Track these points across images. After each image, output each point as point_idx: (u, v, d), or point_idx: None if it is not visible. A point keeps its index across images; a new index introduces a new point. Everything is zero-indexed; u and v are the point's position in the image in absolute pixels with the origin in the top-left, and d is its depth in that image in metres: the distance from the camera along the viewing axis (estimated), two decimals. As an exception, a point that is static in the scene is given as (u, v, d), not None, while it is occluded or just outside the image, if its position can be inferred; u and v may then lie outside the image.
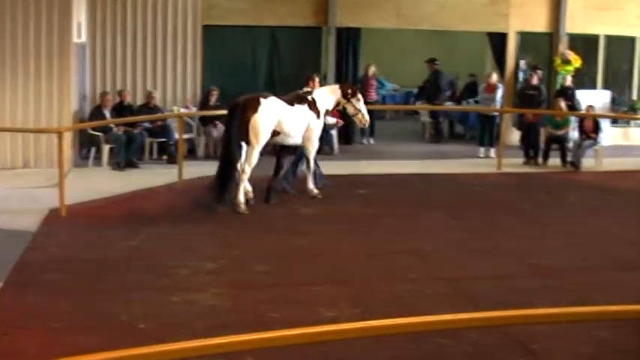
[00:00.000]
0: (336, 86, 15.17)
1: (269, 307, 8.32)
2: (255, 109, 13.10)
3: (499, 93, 19.69)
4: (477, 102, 21.51)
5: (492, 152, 19.35)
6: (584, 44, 22.53)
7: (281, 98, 13.89)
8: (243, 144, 13.29)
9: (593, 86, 22.49)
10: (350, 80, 20.30)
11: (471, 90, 23.68)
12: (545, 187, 15.88)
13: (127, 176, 16.01)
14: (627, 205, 14.70)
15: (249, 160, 13.16)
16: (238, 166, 13.24)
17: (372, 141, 20.96)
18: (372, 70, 20.93)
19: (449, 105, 23.61)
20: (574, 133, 19.33)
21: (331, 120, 16.02)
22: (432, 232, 12.01)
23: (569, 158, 18.37)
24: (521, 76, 21.61)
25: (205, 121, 18.48)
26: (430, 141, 22.01)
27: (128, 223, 12.08)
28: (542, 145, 18.89)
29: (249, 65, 20.34)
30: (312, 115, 14.05)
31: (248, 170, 13.15)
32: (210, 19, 19.62)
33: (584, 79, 22.37)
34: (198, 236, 11.36)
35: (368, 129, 20.29)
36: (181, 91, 19.63)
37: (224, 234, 11.55)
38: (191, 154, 18.18)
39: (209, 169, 14.24)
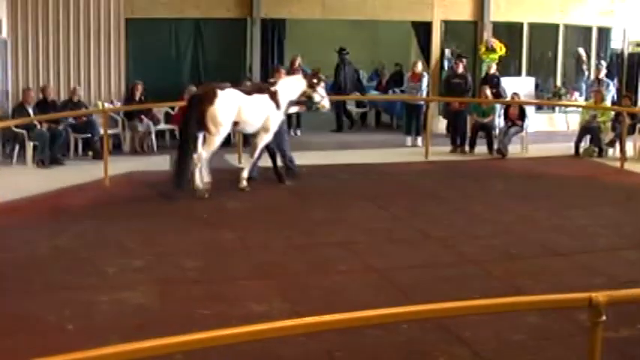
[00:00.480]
0: (300, 76, 15.42)
1: (198, 303, 8.23)
2: (211, 101, 13.51)
3: (424, 82, 19.82)
4: (402, 91, 21.58)
5: (419, 141, 19.48)
6: (509, 32, 22.80)
7: (239, 89, 14.39)
8: (200, 134, 13.65)
9: (518, 73, 22.78)
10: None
11: (396, 79, 23.77)
12: (472, 175, 15.98)
13: (51, 174, 15.79)
14: (553, 190, 14.91)
15: (208, 147, 13.63)
16: (195, 155, 13.51)
17: (298, 132, 20.94)
18: (298, 61, 20.89)
19: (375, 94, 23.73)
20: (500, 121, 19.55)
21: (294, 109, 16.39)
22: (360, 223, 11.99)
23: (495, 145, 18.55)
24: (446, 64, 21.75)
25: (130, 116, 18.31)
26: (331, 130, 22.12)
27: (53, 221, 11.87)
28: (468, 133, 19.05)
29: (173, 59, 20.18)
30: (272, 105, 14.30)
31: (206, 156, 13.61)
32: (133, 13, 19.42)
33: (509, 66, 22.63)
34: (125, 233, 11.18)
35: (295, 120, 20.37)
36: (106, 86, 19.42)
37: (151, 230, 11.40)
38: (117, 149, 18.02)
39: (135, 164, 14.12)
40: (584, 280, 8.84)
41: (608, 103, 20.45)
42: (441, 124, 21.18)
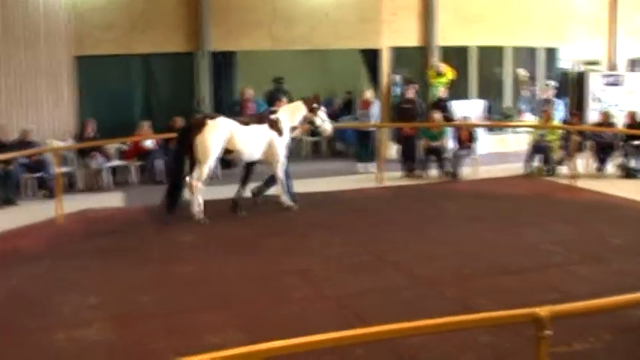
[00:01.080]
0: (300, 103, 15.67)
1: (154, 338, 8.25)
2: (200, 130, 14.12)
3: (375, 108, 19.94)
4: (355, 118, 21.70)
5: (372, 167, 19.58)
6: (456, 56, 23.05)
7: (236, 119, 14.97)
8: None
9: (467, 96, 22.98)
10: (226, 103, 20.36)
11: (347, 107, 23.91)
12: (426, 198, 16.08)
13: (4, 214, 15.70)
14: (505, 210, 15.07)
15: (199, 175, 14.14)
16: (187, 180, 14.21)
17: (254, 164, 20.97)
18: (248, 92, 20.95)
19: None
20: (450, 144, 19.72)
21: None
22: (315, 250, 12.05)
23: (447, 168, 18.71)
24: (396, 90, 21.91)
25: (83, 153, 18.26)
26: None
27: (7, 262, 11.78)
28: (420, 157, 19.19)
29: (125, 94, 20.16)
30: (273, 133, 14.87)
31: (199, 185, 14.18)
32: (82, 50, 19.39)
33: (459, 89, 22.86)
34: (79, 271, 11.16)
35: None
36: (57, 123, 19.34)
37: (106, 267, 11.36)
38: (71, 187, 17.96)
39: (89, 201, 14.09)
40: (538, 296, 8.94)
41: (557, 122, 20.70)
42: (393, 150, 21.32)
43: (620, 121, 20.49)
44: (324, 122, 15.65)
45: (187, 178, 14.23)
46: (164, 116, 19.41)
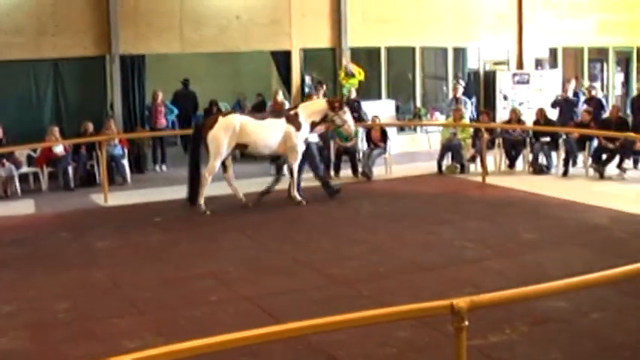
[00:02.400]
0: (323, 100, 16.22)
1: (70, 345, 8.14)
2: (211, 127, 15.02)
3: (286, 110, 19.92)
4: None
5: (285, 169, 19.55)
6: (367, 57, 23.18)
7: (253, 114, 16.32)
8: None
9: (379, 97, 23.11)
10: (138, 107, 20.18)
11: (258, 109, 23.86)
12: (339, 198, 16.12)
13: None
14: (419, 208, 15.24)
15: (208, 169, 15.09)
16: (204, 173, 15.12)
17: (164, 168, 20.81)
18: (159, 96, 20.80)
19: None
20: (362, 144, 19.80)
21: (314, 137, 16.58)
22: (230, 253, 12.03)
23: (360, 169, 18.80)
24: (307, 91, 21.94)
25: (-8, 161, 17.92)
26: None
27: None
28: (332, 157, 19.24)
29: (34, 100, 19.72)
30: (290, 127, 15.36)
31: (208, 177, 15.13)
32: (-11, 55, 19.03)
33: (370, 90, 22.99)
34: (-10, 280, 10.97)
35: (160, 155, 20.28)
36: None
37: (18, 275, 11.13)
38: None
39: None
40: (452, 292, 9.01)
41: (466, 120, 20.95)
42: (306, 151, 21.35)
43: (529, 118, 20.79)
44: (345, 123, 15.79)
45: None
46: (74, 121, 19.14)
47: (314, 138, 16.43)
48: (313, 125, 15.68)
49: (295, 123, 15.38)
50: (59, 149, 18.25)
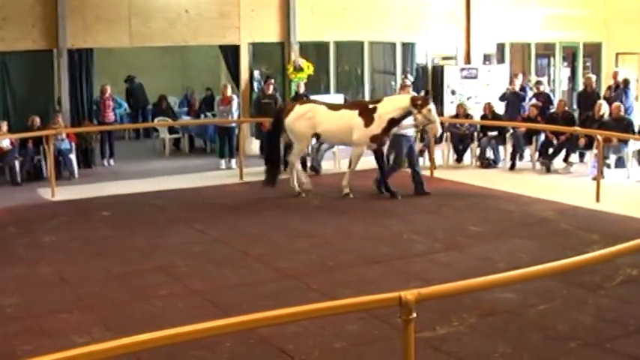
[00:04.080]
0: (406, 96, 15.73)
1: (18, 340, 8.06)
2: (287, 114, 15.71)
3: (235, 104, 19.88)
4: (214, 115, 21.62)
5: (233, 163, 19.57)
6: (316, 51, 23.20)
7: (331, 104, 16.54)
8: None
9: (327, 91, 23.15)
10: (86, 101, 20.01)
11: (208, 103, 23.84)
12: (288, 193, 16.15)
13: None
14: (367, 201, 15.31)
15: (294, 153, 15.90)
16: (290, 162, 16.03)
17: (112, 162, 20.69)
18: (107, 90, 20.67)
19: (186, 119, 23.77)
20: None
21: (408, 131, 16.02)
22: (180, 247, 11.98)
23: (308, 163, 18.82)
24: (256, 86, 21.93)
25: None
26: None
27: None
28: (281, 151, 19.23)
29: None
30: (359, 121, 15.29)
31: (293, 162, 15.96)
32: None
33: (318, 84, 23.03)
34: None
35: (108, 150, 20.17)
36: None
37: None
38: None
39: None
40: (401, 285, 9.03)
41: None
42: (254, 145, 21.36)
43: (477, 113, 20.96)
44: (429, 122, 15.12)
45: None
46: (22, 115, 18.93)
47: (409, 132, 15.99)
48: (392, 122, 15.21)
49: (367, 117, 15.22)
50: (6, 143, 18.05)
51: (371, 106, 15.49)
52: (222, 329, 5.33)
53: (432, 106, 15.06)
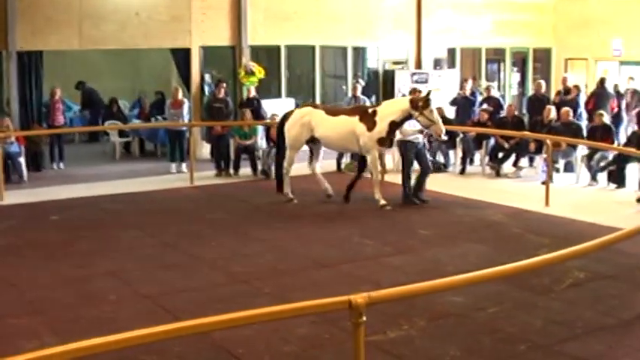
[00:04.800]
0: (405, 98, 15.41)
1: (-35, 345, 7.99)
2: (287, 118, 15.70)
3: (186, 108, 19.79)
4: (165, 119, 21.52)
5: (184, 167, 19.49)
6: (267, 55, 23.19)
7: (327, 108, 16.15)
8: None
9: (278, 95, 23.15)
10: (35, 104, 19.83)
11: (158, 107, 23.71)
12: (239, 197, 16.14)
13: None
14: (318, 205, 15.31)
15: (286, 160, 15.59)
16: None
17: (62, 165, 20.49)
18: (57, 93, 20.47)
19: (137, 123, 23.63)
20: (262, 142, 19.83)
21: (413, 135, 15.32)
22: (129, 252, 11.91)
23: (259, 167, 18.82)
24: (207, 89, 21.87)
25: None
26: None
27: None
28: (232, 155, 19.23)
29: None
30: (360, 126, 14.88)
31: (287, 167, 15.60)
32: None
33: (270, 88, 23.02)
34: None
35: (57, 153, 19.99)
36: None
37: None
38: None
39: None
40: (351, 288, 9.07)
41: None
42: (205, 149, 21.29)
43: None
44: (432, 124, 14.52)
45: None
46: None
47: (416, 138, 15.31)
48: (393, 125, 14.75)
49: (368, 122, 14.83)
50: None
51: (370, 110, 15.21)
52: (172, 333, 5.31)
53: (433, 107, 14.71)
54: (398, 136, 15.32)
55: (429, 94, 14.83)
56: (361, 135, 14.88)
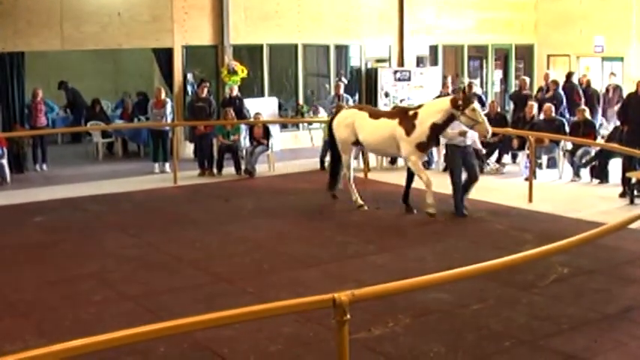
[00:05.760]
0: (446, 98, 14.27)
1: (-52, 348, 7.96)
2: (333, 119, 15.48)
3: (168, 108, 19.74)
4: (147, 119, 21.47)
5: (167, 167, 19.46)
6: (249, 54, 23.17)
7: (371, 110, 15.41)
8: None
9: (261, 94, 23.13)
10: (17, 106, 19.74)
11: (141, 107, 23.65)
12: (222, 196, 16.13)
13: None
14: (301, 205, 15.31)
15: (343, 165, 15.21)
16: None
17: (45, 167, 20.42)
18: (39, 94, 20.38)
19: (120, 123, 23.58)
20: (245, 141, 19.82)
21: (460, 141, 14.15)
22: (113, 253, 11.87)
23: (242, 166, 18.81)
24: (189, 89, 21.84)
25: None
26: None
27: None
28: (215, 155, 19.22)
29: None
30: (399, 130, 13.98)
31: (344, 169, 15.25)
32: None
33: (252, 87, 23.00)
34: None
35: (40, 155, 19.92)
36: None
37: None
38: None
39: None
40: (335, 286, 9.07)
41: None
42: (188, 149, 21.27)
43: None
44: (476, 124, 13.30)
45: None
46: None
47: (464, 142, 14.15)
48: (435, 127, 13.68)
49: (407, 125, 13.83)
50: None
51: (411, 112, 14.05)
52: (155, 334, 5.30)
53: (476, 104, 13.54)
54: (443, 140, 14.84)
55: (470, 88, 14.15)
56: (400, 139, 13.98)
